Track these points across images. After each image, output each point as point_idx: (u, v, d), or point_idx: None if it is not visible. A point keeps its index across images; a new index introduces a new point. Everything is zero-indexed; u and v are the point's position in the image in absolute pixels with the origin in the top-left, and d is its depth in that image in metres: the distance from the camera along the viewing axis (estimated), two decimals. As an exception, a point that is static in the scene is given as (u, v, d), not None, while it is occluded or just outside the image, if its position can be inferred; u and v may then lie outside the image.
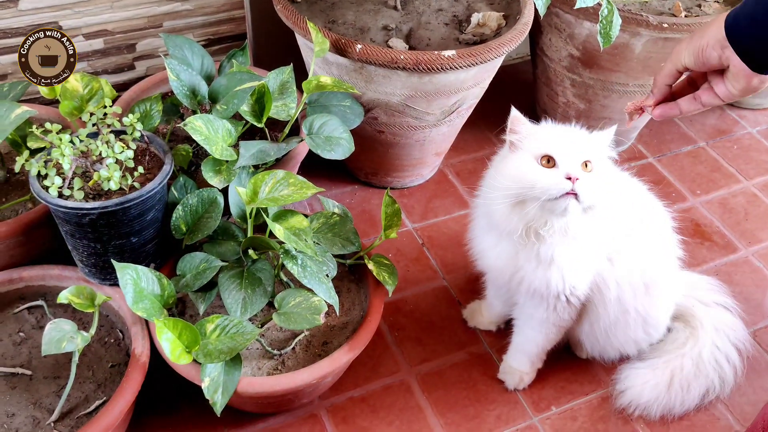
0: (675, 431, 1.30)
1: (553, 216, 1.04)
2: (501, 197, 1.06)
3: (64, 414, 1.10)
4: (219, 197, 1.19)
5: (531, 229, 1.07)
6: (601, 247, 1.15)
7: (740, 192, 1.78)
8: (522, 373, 1.33)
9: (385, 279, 1.22)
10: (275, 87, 1.29)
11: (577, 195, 1.00)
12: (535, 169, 1.03)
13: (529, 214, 1.04)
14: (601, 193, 1.04)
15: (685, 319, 1.35)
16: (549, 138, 1.07)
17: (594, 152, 1.06)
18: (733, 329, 1.35)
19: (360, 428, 1.27)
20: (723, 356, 1.32)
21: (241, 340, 1.05)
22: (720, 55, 0.90)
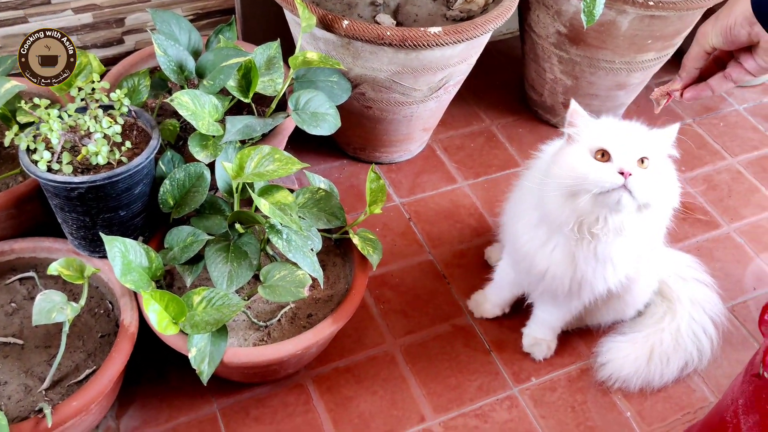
0: (652, 402, 1.33)
1: (605, 210, 1.04)
2: (555, 187, 1.06)
3: (55, 382, 1.13)
4: (206, 172, 1.21)
5: (584, 225, 1.07)
6: (651, 240, 1.16)
7: (725, 169, 1.81)
8: (548, 342, 1.37)
9: (369, 253, 1.24)
10: (262, 62, 1.30)
11: (630, 191, 1.00)
12: (589, 161, 1.03)
13: (581, 206, 1.04)
14: (656, 192, 1.03)
15: (663, 294, 1.38)
16: (605, 132, 1.06)
17: (652, 149, 1.05)
18: (709, 302, 1.38)
19: (344, 398, 1.30)
20: (700, 328, 1.36)
21: (227, 312, 1.08)
22: (749, 32, 0.90)
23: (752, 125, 1.93)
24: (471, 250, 1.55)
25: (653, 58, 1.64)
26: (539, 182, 1.12)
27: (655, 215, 1.07)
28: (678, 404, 1.33)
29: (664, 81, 2.01)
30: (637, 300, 1.32)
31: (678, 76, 1.03)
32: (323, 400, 1.29)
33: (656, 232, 1.15)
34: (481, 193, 1.68)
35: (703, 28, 0.96)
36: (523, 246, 1.18)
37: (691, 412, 1.32)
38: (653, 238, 1.17)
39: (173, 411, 1.26)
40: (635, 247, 1.13)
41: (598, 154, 1.03)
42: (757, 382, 0.94)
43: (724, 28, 0.92)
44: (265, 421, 1.26)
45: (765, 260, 1.60)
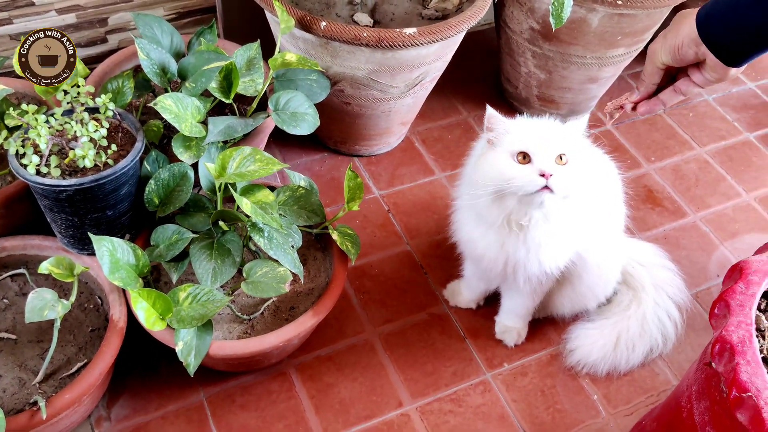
0: (618, 386, 1.41)
1: (531, 208, 1.11)
2: (482, 191, 1.12)
3: (48, 375, 1.18)
4: (189, 171, 1.26)
5: (512, 220, 1.14)
6: (582, 224, 1.21)
7: (693, 159, 1.87)
8: (518, 330, 1.44)
9: (348, 248, 1.30)
10: (242, 63, 1.34)
11: (552, 190, 1.07)
12: (511, 165, 1.09)
13: (509, 207, 1.12)
14: (576, 184, 1.10)
15: (628, 283, 1.45)
16: (524, 134, 1.11)
17: (568, 144, 1.11)
18: (673, 287, 1.45)
19: (326, 385, 1.36)
20: (664, 313, 1.42)
21: (211, 308, 1.13)
22: (696, 51, 0.96)
23: (720, 115, 2.00)
24: (447, 240, 1.60)
25: (623, 53, 1.69)
26: (467, 183, 1.19)
27: (578, 201, 1.14)
28: (642, 387, 1.41)
29: (636, 72, 2.07)
30: (595, 291, 1.39)
31: (636, 90, 1.09)
32: (305, 388, 1.35)
33: (582, 214, 1.19)
34: (457, 185, 1.73)
35: (653, 46, 1.01)
36: (465, 235, 1.27)
37: (654, 395, 1.40)
38: (586, 222, 1.22)
39: (162, 400, 1.31)
40: (564, 230, 1.19)
41: (519, 156, 1.09)
42: (708, 371, 1.01)
43: (672, 48, 0.98)
44: (250, 408, 1.32)
45: (729, 248, 1.67)
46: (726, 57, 0.95)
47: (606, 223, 1.29)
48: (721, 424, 0.96)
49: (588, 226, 1.23)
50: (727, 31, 0.93)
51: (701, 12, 0.95)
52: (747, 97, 2.06)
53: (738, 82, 2.11)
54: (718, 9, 0.93)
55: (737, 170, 1.85)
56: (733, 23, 0.92)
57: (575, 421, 1.35)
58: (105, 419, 1.28)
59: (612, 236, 1.33)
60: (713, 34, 0.94)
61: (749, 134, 1.95)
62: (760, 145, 1.92)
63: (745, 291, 0.99)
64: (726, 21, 0.92)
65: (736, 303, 0.98)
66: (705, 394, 1.02)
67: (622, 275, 1.44)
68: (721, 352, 0.94)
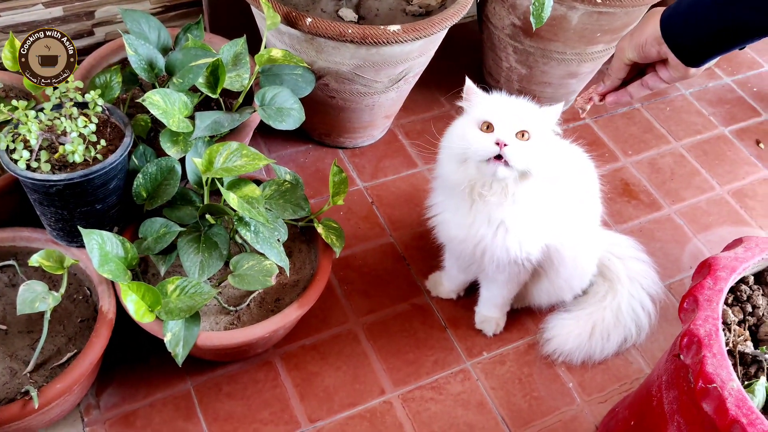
0: (593, 374, 1.46)
1: (488, 177, 1.15)
2: (447, 155, 1.19)
3: (39, 365, 1.21)
4: (177, 165, 1.28)
5: (475, 188, 1.18)
6: (552, 213, 1.25)
7: (669, 153, 1.92)
8: (497, 320, 1.49)
9: (332, 241, 1.33)
10: (229, 59, 1.37)
11: (507, 160, 1.11)
12: (474, 132, 1.14)
13: (470, 173, 1.16)
14: (534, 161, 1.13)
15: (604, 275, 1.49)
16: (491, 106, 1.17)
17: (534, 124, 1.15)
18: (645, 277, 1.50)
19: (310, 373, 1.40)
20: (638, 304, 1.47)
21: (199, 300, 1.16)
22: (658, 50, 1.01)
23: (697, 110, 2.04)
24: (429, 232, 1.63)
25: (602, 49, 1.73)
26: (441, 150, 1.24)
27: (539, 183, 1.17)
28: (616, 375, 1.46)
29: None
30: (572, 283, 1.43)
31: (602, 82, 1.14)
32: (290, 376, 1.39)
33: (547, 200, 1.23)
34: (440, 177, 1.77)
35: (621, 42, 1.06)
36: (439, 216, 1.31)
37: (627, 383, 1.45)
38: (557, 213, 1.26)
39: (150, 388, 1.35)
40: (531, 216, 1.22)
41: (484, 125, 1.14)
42: (677, 362, 1.06)
43: (637, 46, 1.02)
44: (237, 396, 1.35)
45: (702, 240, 1.72)
46: (686, 57, 0.99)
47: (581, 217, 1.33)
48: (689, 413, 1.01)
49: (559, 218, 1.27)
50: (686, 32, 0.97)
51: (665, 12, 1.00)
52: (723, 92, 2.11)
53: (714, 76, 2.16)
54: (679, 11, 0.98)
55: (712, 164, 1.90)
56: (692, 25, 0.96)
57: (551, 408, 1.40)
58: (94, 407, 1.31)
59: (587, 230, 1.38)
60: (674, 35, 0.98)
61: (724, 128, 2.00)
62: (734, 140, 1.97)
63: (713, 287, 1.04)
64: (686, 22, 0.97)
65: (704, 298, 1.03)
66: (674, 384, 1.07)
67: (598, 267, 1.48)
68: (689, 345, 0.99)
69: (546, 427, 1.37)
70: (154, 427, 1.30)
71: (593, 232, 1.41)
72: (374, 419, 1.35)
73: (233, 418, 1.32)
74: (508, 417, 1.38)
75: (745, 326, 1.05)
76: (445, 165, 1.21)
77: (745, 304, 1.07)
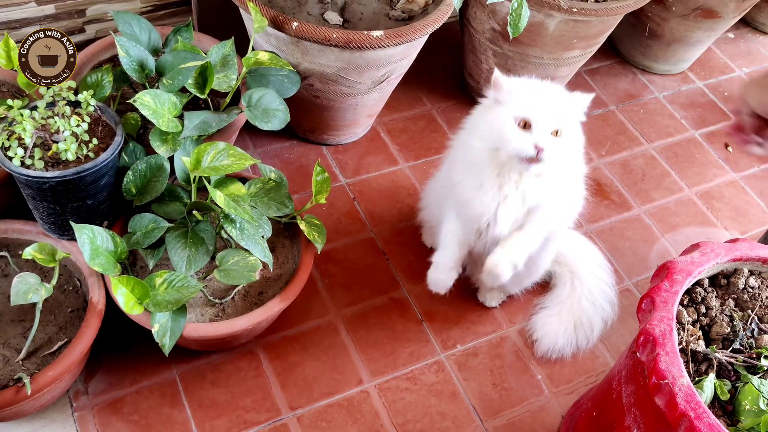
0: (561, 367, 1.53)
1: (518, 169, 1.22)
2: (481, 141, 1.24)
3: (31, 353, 1.26)
4: (165, 163, 1.33)
5: (504, 171, 1.24)
6: (573, 192, 1.35)
7: (641, 154, 1.99)
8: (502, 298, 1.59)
9: (314, 238, 1.39)
10: (217, 60, 1.41)
11: (541, 160, 1.18)
12: (512, 129, 1.19)
13: (500, 158, 1.22)
14: (565, 158, 1.22)
15: (560, 262, 1.57)
16: (530, 101, 1.20)
17: (567, 118, 1.21)
18: (594, 254, 1.60)
19: (292, 363, 1.46)
20: (605, 285, 1.55)
21: (186, 293, 1.22)
22: None
23: (669, 113, 2.12)
24: (409, 228, 1.71)
25: (578, 54, 1.79)
26: (468, 132, 1.29)
27: (566, 168, 1.27)
28: (583, 368, 1.54)
29: (592, 69, 2.17)
30: (540, 270, 1.51)
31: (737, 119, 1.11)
32: (272, 366, 1.45)
33: (572, 184, 1.32)
34: (420, 175, 1.83)
35: (747, 93, 1.02)
36: (461, 194, 1.31)
37: (593, 376, 1.53)
38: (574, 189, 1.35)
39: (137, 376, 1.40)
40: (561, 194, 1.30)
41: (521, 123, 1.19)
42: (635, 359, 1.13)
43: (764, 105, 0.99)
44: (220, 385, 1.41)
45: (669, 240, 1.80)
46: None
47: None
48: (644, 406, 1.09)
49: (575, 197, 1.36)
50: None
51: None
52: (695, 96, 2.19)
53: (687, 80, 2.23)
54: None
55: (681, 166, 1.97)
56: None
57: (520, 398, 1.47)
58: (83, 393, 1.37)
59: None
60: None
61: (695, 131, 2.08)
62: (704, 143, 2.05)
63: (669, 289, 1.11)
64: None
65: (661, 300, 1.10)
66: (631, 379, 1.14)
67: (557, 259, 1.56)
68: (645, 343, 1.06)
69: (515, 417, 1.45)
70: (141, 413, 1.36)
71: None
72: (352, 408, 1.42)
73: (217, 405, 1.38)
74: (480, 407, 1.45)
75: (699, 326, 1.13)
76: (473, 144, 1.25)
77: (699, 306, 1.14)
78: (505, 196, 1.27)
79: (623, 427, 1.14)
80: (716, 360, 1.07)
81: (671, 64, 2.19)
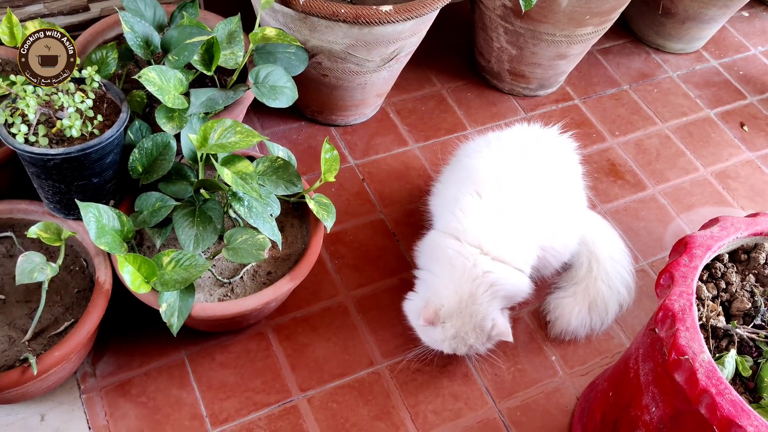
0: (575, 348, 1.50)
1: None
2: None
3: (37, 333, 1.24)
4: (172, 141, 1.31)
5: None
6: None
7: (655, 134, 1.96)
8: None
9: (324, 217, 1.36)
10: (223, 37, 1.39)
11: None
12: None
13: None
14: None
15: (581, 242, 1.54)
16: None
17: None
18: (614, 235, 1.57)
19: (301, 344, 1.44)
20: (622, 267, 1.52)
21: (194, 272, 1.20)
22: None
23: (684, 92, 2.08)
24: (419, 209, 1.68)
25: (591, 31, 1.75)
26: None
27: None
28: (598, 349, 1.51)
29: (604, 48, 2.14)
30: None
31: None
32: (282, 347, 1.43)
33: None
34: (430, 156, 1.80)
35: None
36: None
37: (609, 356, 1.50)
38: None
39: (145, 357, 1.39)
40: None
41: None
42: (653, 336, 1.10)
43: None
44: (229, 366, 1.39)
45: (684, 220, 1.76)
46: None
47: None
48: (662, 384, 1.06)
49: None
50: None
51: None
52: (710, 75, 2.15)
53: (702, 59, 2.19)
54: None
55: (696, 146, 1.94)
56: None
57: (534, 379, 1.45)
58: (90, 375, 1.35)
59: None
60: None
61: (710, 111, 2.04)
62: (719, 122, 2.01)
63: (688, 264, 1.08)
64: None
65: (680, 274, 1.07)
66: (649, 356, 1.11)
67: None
68: (664, 319, 1.03)
69: (529, 398, 1.42)
70: (149, 395, 1.34)
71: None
72: (362, 389, 1.39)
73: (226, 387, 1.36)
74: (492, 388, 1.42)
75: (719, 302, 1.10)
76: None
77: (719, 281, 1.11)
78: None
79: (641, 406, 1.12)
80: (737, 336, 1.04)
81: (685, 42, 2.15)
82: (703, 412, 0.95)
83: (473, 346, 1.33)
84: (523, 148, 1.47)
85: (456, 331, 1.31)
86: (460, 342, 1.31)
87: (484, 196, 1.38)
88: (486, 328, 1.31)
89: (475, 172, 1.42)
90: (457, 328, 1.30)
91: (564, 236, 1.46)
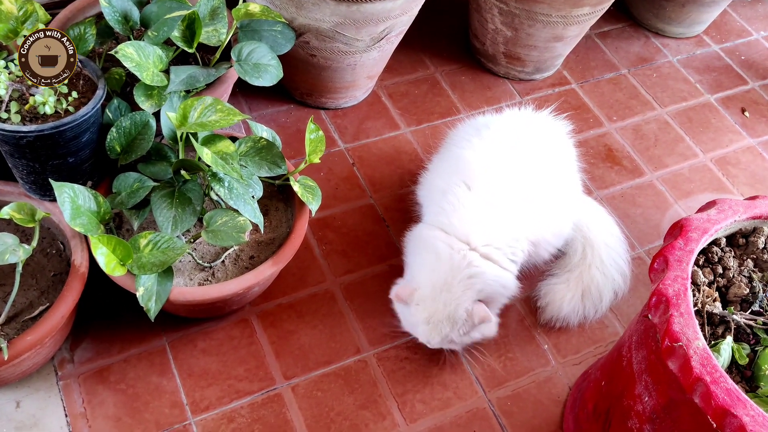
0: (568, 336, 1.46)
1: None
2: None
3: (11, 318, 1.20)
4: (151, 120, 1.27)
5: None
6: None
7: (653, 119, 1.91)
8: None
9: (309, 200, 1.32)
10: (206, 13, 1.34)
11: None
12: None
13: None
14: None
15: (576, 227, 1.49)
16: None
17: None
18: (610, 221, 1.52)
19: (287, 332, 1.40)
20: (618, 255, 1.48)
21: (171, 255, 1.16)
22: None
23: (683, 77, 2.03)
24: (410, 194, 1.64)
25: (588, 12, 1.71)
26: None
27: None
28: (592, 338, 1.47)
29: (603, 32, 2.09)
30: None
31: None
32: (266, 334, 1.39)
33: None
34: (422, 140, 1.76)
35: None
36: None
37: (602, 346, 1.46)
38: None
39: (125, 344, 1.35)
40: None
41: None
42: (646, 323, 1.06)
43: None
44: (212, 353, 1.35)
45: (682, 207, 1.72)
46: None
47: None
48: (655, 372, 1.02)
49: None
50: None
51: None
52: (710, 60, 2.10)
53: (703, 44, 2.14)
54: None
55: (696, 131, 1.89)
56: None
57: (525, 368, 1.41)
58: (68, 361, 1.31)
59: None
60: None
61: (710, 96, 1.99)
62: (719, 107, 1.96)
63: (683, 247, 1.04)
64: None
65: (675, 258, 1.02)
66: (643, 344, 1.07)
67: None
68: (657, 304, 0.99)
69: (520, 388, 1.38)
70: (128, 382, 1.30)
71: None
72: (349, 377, 1.35)
73: (208, 374, 1.33)
74: (483, 377, 1.38)
75: (715, 287, 1.05)
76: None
77: (716, 266, 1.07)
78: None
79: (633, 395, 1.08)
80: (734, 322, 1.00)
81: (685, 26, 2.10)
82: (697, 401, 0.91)
83: (450, 338, 1.28)
84: (514, 135, 1.41)
85: (429, 315, 1.26)
86: (434, 330, 1.27)
87: (473, 188, 1.33)
88: (460, 318, 1.26)
89: (464, 162, 1.37)
90: (429, 312, 1.26)
91: (556, 225, 1.42)
